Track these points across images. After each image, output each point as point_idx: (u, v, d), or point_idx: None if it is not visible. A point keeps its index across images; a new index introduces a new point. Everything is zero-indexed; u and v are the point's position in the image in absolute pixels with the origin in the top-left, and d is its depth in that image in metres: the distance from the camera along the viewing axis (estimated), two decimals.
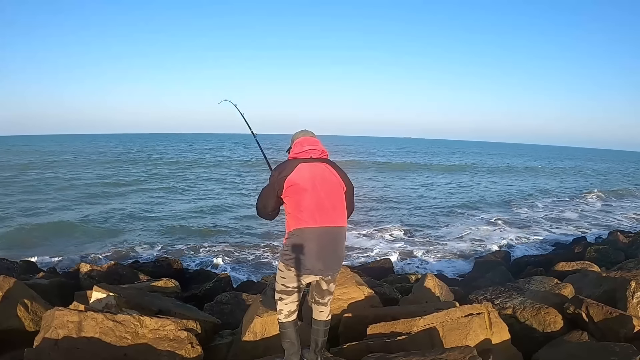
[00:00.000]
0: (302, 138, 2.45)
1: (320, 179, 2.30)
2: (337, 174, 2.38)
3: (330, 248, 2.29)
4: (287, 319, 2.42)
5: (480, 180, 28.09)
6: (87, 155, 40.48)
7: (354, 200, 2.50)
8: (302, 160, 2.33)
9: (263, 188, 2.39)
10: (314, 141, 2.43)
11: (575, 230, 13.33)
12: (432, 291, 4.19)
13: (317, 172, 2.31)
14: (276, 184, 2.30)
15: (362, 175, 26.99)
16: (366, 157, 48.05)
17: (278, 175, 2.29)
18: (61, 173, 24.50)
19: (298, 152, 2.38)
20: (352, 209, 2.50)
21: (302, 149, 2.38)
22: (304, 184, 2.25)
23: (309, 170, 2.29)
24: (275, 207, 2.40)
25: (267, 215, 2.44)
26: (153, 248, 10.03)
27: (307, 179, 2.26)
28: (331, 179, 2.34)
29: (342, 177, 2.39)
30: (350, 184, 2.44)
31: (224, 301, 4.79)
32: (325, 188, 2.29)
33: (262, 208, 2.41)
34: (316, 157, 2.37)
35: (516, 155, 71.95)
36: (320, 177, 2.30)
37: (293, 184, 2.25)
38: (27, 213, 13.35)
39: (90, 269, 6.09)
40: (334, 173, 2.37)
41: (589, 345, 2.94)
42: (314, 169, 2.31)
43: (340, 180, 2.38)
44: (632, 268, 5.11)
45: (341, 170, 2.42)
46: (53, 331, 2.72)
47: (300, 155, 2.36)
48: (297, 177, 2.25)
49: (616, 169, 49.67)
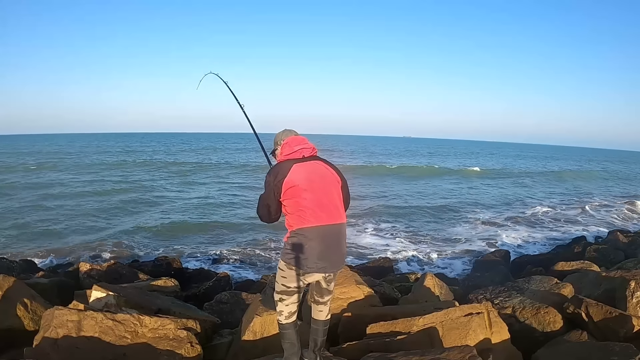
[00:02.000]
0: (290, 138, 2.41)
1: (316, 177, 2.28)
2: (332, 169, 2.38)
3: (334, 245, 2.28)
4: (288, 320, 2.40)
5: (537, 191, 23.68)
6: (87, 155, 40.44)
7: (349, 193, 2.49)
8: (295, 160, 2.30)
9: (261, 195, 2.35)
10: (302, 140, 2.40)
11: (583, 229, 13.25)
12: (432, 290, 4.19)
13: (312, 170, 2.29)
14: (274, 188, 2.26)
15: (384, 182, 24.53)
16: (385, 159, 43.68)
17: (274, 180, 2.26)
18: (60, 173, 24.49)
19: (289, 152, 2.34)
20: (349, 202, 2.49)
21: (292, 149, 2.34)
22: (302, 184, 2.23)
23: (304, 169, 2.27)
24: (277, 211, 2.36)
25: (271, 220, 2.40)
26: (153, 247, 10.03)
27: (304, 179, 2.24)
28: (327, 176, 2.34)
29: (336, 172, 2.39)
30: (344, 178, 2.43)
31: (223, 300, 4.79)
32: (323, 185, 2.28)
33: (264, 215, 2.37)
34: (308, 155, 2.35)
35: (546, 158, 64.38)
36: (316, 175, 2.29)
37: (291, 186, 2.22)
38: (27, 213, 13.35)
39: (89, 268, 6.10)
40: (329, 169, 2.37)
41: (589, 345, 2.94)
42: (309, 168, 2.29)
43: (336, 176, 2.37)
44: (631, 268, 5.11)
45: (334, 165, 2.41)
46: (53, 330, 2.72)
47: (291, 156, 2.33)
48: (294, 178, 2.23)
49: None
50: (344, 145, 74.37)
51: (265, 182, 2.32)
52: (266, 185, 2.30)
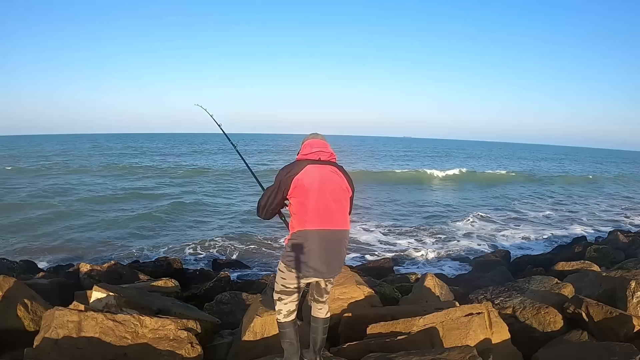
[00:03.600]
0: (312, 140, 2.45)
1: (327, 181, 2.29)
2: (344, 178, 2.38)
3: (334, 251, 2.29)
4: (286, 319, 2.42)
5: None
6: (89, 154, 40.46)
7: (352, 205, 2.51)
8: (311, 161, 2.32)
9: (267, 187, 2.37)
10: (323, 144, 2.43)
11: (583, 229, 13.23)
12: (432, 291, 4.19)
13: (324, 173, 2.30)
14: (283, 182, 2.27)
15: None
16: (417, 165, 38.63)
17: (286, 175, 2.27)
18: (60, 173, 24.50)
19: (307, 153, 2.38)
20: (351, 211, 2.51)
21: (311, 150, 2.38)
22: (311, 184, 2.24)
23: (316, 171, 2.28)
24: (277, 207, 2.38)
25: (267, 214, 2.39)
26: (153, 248, 10.02)
27: (314, 180, 2.25)
28: (338, 182, 2.34)
29: (348, 181, 2.39)
30: (353, 189, 2.44)
31: (223, 301, 4.79)
32: (331, 190, 2.29)
33: (263, 206, 2.37)
34: (324, 159, 2.37)
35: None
36: (327, 179, 2.30)
37: (300, 185, 2.24)
38: (28, 212, 13.35)
39: (90, 268, 6.09)
40: (342, 177, 2.37)
41: (589, 345, 2.94)
42: (322, 171, 2.30)
43: (347, 185, 2.38)
44: (632, 268, 5.12)
45: (348, 174, 2.42)
46: (53, 331, 2.72)
47: (309, 156, 2.36)
48: (304, 177, 2.24)
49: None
50: (350, 147, 74.21)
51: (276, 176, 2.33)
52: (276, 178, 2.32)
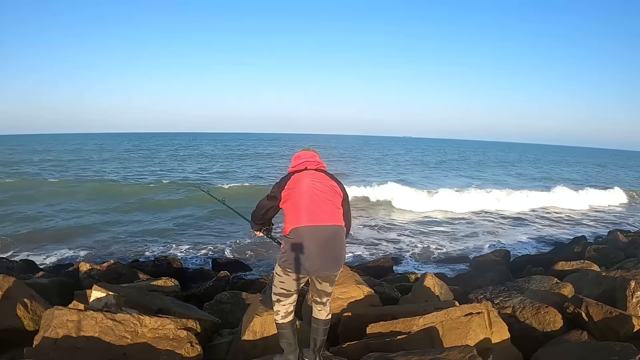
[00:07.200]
0: (300, 152, 2.60)
1: (316, 181, 2.39)
2: (334, 181, 2.47)
3: (327, 246, 2.31)
4: (284, 319, 2.46)
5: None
6: (88, 155, 40.44)
7: (350, 211, 2.54)
8: (298, 171, 2.47)
9: (262, 199, 2.54)
10: (310, 154, 2.56)
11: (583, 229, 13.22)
12: (432, 290, 4.19)
13: (313, 178, 2.41)
14: (276, 193, 2.43)
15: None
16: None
17: (278, 189, 2.43)
18: (60, 174, 24.49)
19: (295, 165, 2.53)
20: (350, 221, 2.54)
21: (299, 161, 2.52)
22: (300, 187, 2.35)
23: (304, 176, 2.41)
24: (269, 216, 2.58)
25: (258, 220, 2.61)
26: (153, 247, 10.02)
27: (302, 182, 2.37)
28: (327, 182, 2.43)
29: (339, 185, 2.47)
30: (346, 193, 2.52)
31: (223, 300, 4.79)
32: (320, 188, 2.37)
33: (256, 215, 2.60)
34: (312, 168, 2.48)
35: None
36: (316, 179, 2.40)
37: (290, 189, 2.37)
38: (27, 213, 13.34)
39: (89, 268, 6.08)
40: (331, 180, 2.46)
41: (589, 345, 2.93)
42: (309, 176, 2.41)
43: (337, 187, 2.45)
44: (631, 267, 5.11)
45: (337, 179, 2.51)
46: (53, 330, 2.72)
47: (296, 167, 2.51)
48: (293, 183, 2.38)
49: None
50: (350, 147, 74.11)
51: (270, 190, 2.50)
52: (270, 191, 2.49)
